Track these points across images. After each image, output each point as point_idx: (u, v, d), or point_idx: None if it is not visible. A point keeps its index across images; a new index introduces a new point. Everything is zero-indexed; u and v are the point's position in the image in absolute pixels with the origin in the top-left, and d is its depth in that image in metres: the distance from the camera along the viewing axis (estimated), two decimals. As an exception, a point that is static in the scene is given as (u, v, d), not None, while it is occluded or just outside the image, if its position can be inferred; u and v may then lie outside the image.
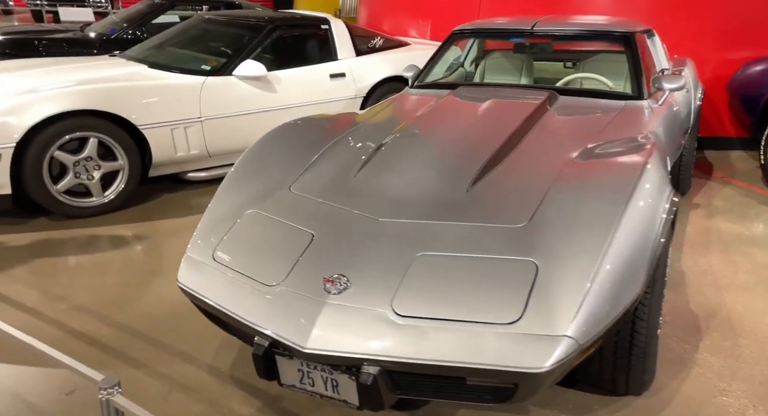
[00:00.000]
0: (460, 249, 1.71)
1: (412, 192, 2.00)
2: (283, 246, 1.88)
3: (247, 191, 2.18)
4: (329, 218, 1.95)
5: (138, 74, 3.91)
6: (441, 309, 1.56)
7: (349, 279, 1.69)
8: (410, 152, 2.24)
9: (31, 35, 5.87)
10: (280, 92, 4.28)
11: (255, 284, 1.79)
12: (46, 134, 3.35)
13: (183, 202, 3.99)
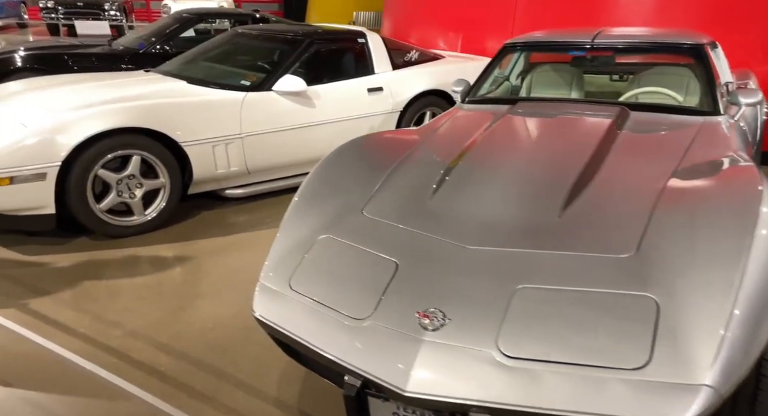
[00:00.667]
0: (564, 282, 1.60)
1: (497, 216, 1.90)
2: (366, 276, 1.78)
3: (317, 215, 2.09)
4: (411, 245, 1.86)
5: (178, 90, 3.85)
6: (553, 351, 1.45)
7: (446, 314, 1.59)
8: (486, 174, 2.15)
9: (59, 50, 5.83)
10: (318, 107, 4.21)
11: (340, 317, 1.69)
12: (90, 152, 3.28)
13: (221, 219, 3.91)
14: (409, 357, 1.50)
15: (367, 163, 2.35)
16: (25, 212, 3.23)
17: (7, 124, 3.29)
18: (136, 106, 3.47)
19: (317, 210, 2.11)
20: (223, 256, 3.34)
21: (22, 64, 5.51)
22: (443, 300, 1.62)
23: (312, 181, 2.26)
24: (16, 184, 3.12)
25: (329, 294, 1.77)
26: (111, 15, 17.04)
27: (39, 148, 3.14)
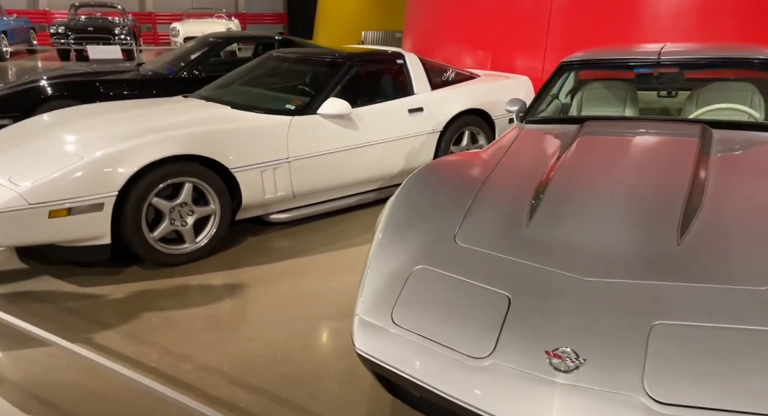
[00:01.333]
0: (705, 317, 1.52)
1: (609, 245, 1.83)
2: (476, 310, 1.72)
3: (407, 245, 2.04)
4: (520, 276, 1.79)
5: (225, 116, 3.84)
6: (711, 396, 1.35)
7: (579, 353, 1.51)
8: (583, 199, 2.10)
9: (88, 77, 5.84)
10: (362, 129, 4.19)
11: (456, 355, 1.62)
12: (146, 181, 3.26)
13: (266, 245, 3.87)
14: (546, 402, 1.42)
15: (448, 189, 2.31)
16: (82, 243, 3.19)
17: (60, 153, 3.27)
18: (188, 133, 3.45)
19: (406, 240, 2.06)
20: (277, 284, 3.29)
21: (52, 92, 5.53)
22: (573, 339, 1.55)
23: (395, 211, 2.21)
24: (73, 215, 3.09)
25: (438, 330, 1.71)
26: (121, 39, 17.18)
27: (96, 178, 3.12)
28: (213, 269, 3.50)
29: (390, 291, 1.88)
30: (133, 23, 17.84)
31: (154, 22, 24.83)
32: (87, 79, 5.76)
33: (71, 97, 5.60)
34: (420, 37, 7.60)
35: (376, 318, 1.82)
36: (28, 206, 2.96)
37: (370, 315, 1.84)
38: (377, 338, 1.78)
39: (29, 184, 3.01)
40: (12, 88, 5.57)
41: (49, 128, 3.76)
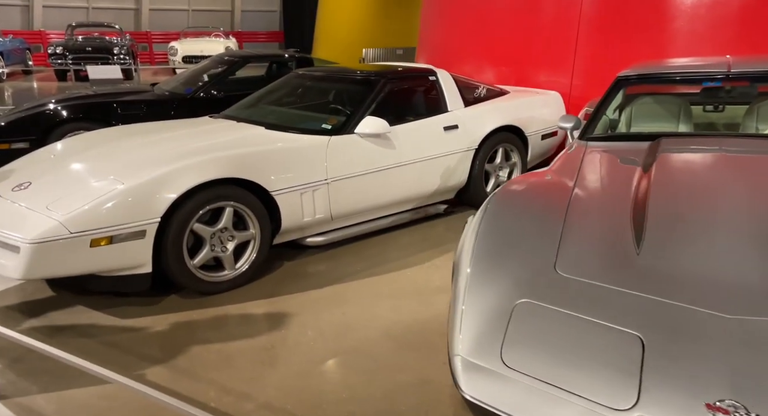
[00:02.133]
0: None
1: (741, 276, 1.70)
2: (602, 352, 1.57)
3: (503, 275, 1.90)
4: (648, 313, 1.64)
5: (263, 137, 3.75)
6: None
7: (749, 409, 1.36)
8: (695, 225, 1.97)
9: (103, 98, 5.75)
10: (398, 148, 4.11)
11: (591, 405, 1.47)
12: (188, 206, 3.15)
13: (304, 269, 3.76)
14: None
15: (533, 215, 2.20)
16: (123, 272, 3.08)
17: (98, 179, 3.16)
18: (229, 155, 3.35)
19: (500, 271, 1.93)
20: (324, 312, 3.17)
21: (69, 115, 5.42)
22: (738, 390, 1.40)
23: (482, 240, 2.08)
24: (115, 243, 2.97)
25: (562, 374, 1.56)
26: (120, 59, 17.15)
27: (138, 205, 3.01)
28: (254, 297, 3.38)
29: (493, 329, 1.74)
30: (130, 43, 17.81)
31: (150, 41, 24.85)
32: (103, 101, 5.67)
33: (88, 119, 5.50)
34: (436, 52, 7.56)
35: (483, 360, 1.68)
36: (70, 235, 2.85)
37: (475, 356, 1.69)
38: (488, 382, 1.64)
39: (69, 212, 2.90)
40: (26, 111, 5.47)
41: (80, 152, 3.66)
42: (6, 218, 2.99)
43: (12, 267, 2.84)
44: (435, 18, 7.85)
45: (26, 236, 2.81)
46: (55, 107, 5.44)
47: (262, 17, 27.46)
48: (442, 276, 3.62)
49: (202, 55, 20.25)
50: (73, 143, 3.95)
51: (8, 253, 2.90)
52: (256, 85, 6.46)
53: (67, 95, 5.91)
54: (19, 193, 3.19)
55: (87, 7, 23.16)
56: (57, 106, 5.47)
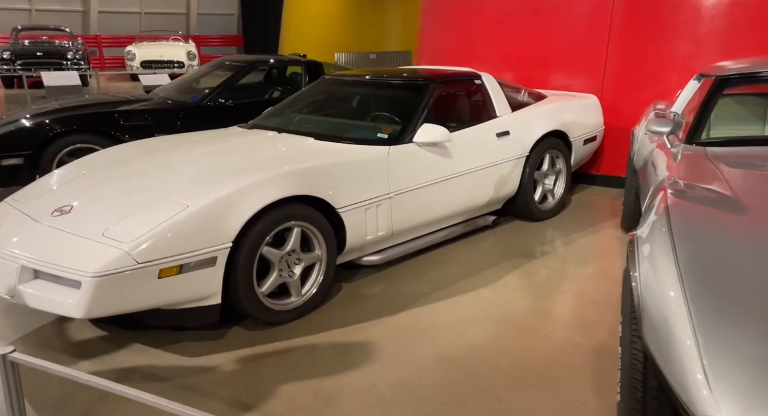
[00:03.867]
0: None
1: None
2: None
3: (744, 313, 1.65)
4: None
5: (320, 149, 3.58)
6: None
7: None
8: None
9: (101, 108, 5.45)
10: (455, 156, 3.99)
11: None
12: (258, 228, 2.95)
13: (363, 291, 3.60)
14: None
15: (732, 240, 1.97)
16: (191, 304, 2.86)
17: (156, 200, 2.93)
18: (295, 170, 3.17)
19: (737, 308, 1.67)
20: (415, 344, 3.00)
21: (66, 127, 5.11)
22: None
23: (694, 271, 1.84)
24: (184, 273, 2.75)
25: None
26: (75, 64, 16.57)
27: (208, 229, 2.80)
28: (325, 326, 3.19)
29: (762, 383, 1.48)
30: (83, 47, 17.24)
31: (99, 45, 24.14)
32: (102, 111, 5.37)
33: (88, 131, 5.21)
34: (442, 56, 7.46)
35: None
36: (137, 266, 2.62)
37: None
38: None
39: (134, 240, 2.66)
40: (13, 124, 5.12)
41: (118, 170, 3.41)
42: (56, 248, 2.74)
43: (72, 305, 2.59)
44: (439, 18, 7.77)
45: (88, 269, 2.57)
46: (51, 119, 5.12)
47: (219, 21, 27.03)
48: (522, 297, 3.50)
49: (161, 60, 19.80)
50: (104, 159, 3.69)
51: (65, 289, 2.65)
52: (262, 92, 6.27)
53: (53, 105, 5.58)
54: (62, 219, 2.94)
55: (29, 9, 22.35)
56: (51, 117, 5.14)
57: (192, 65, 19.82)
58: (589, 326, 3.15)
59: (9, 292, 2.76)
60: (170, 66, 19.66)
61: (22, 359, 1.96)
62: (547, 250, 4.24)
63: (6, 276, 2.77)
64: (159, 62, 19.67)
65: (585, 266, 3.95)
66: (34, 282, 2.76)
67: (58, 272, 2.63)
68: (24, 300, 2.73)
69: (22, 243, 2.83)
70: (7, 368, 1.98)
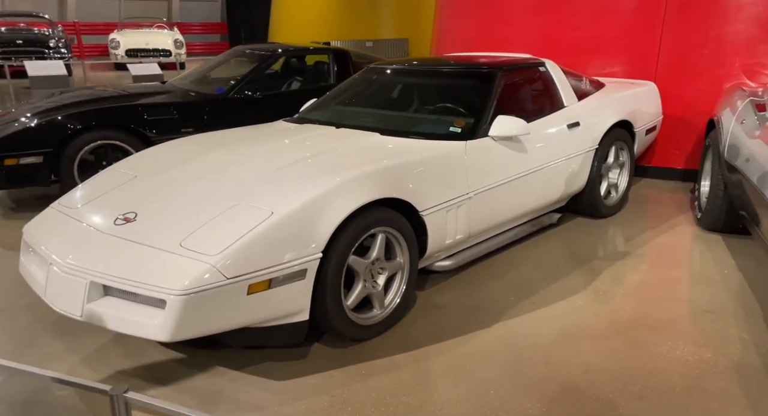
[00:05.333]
0: None
1: None
2: None
3: None
4: None
5: (387, 146, 3.38)
6: None
7: None
8: None
9: (123, 102, 5.20)
10: (530, 151, 3.82)
11: None
12: (346, 235, 2.76)
13: (440, 300, 3.44)
14: None
15: None
16: (279, 321, 2.66)
17: (230, 205, 2.72)
18: (377, 171, 2.97)
19: None
20: (522, 359, 2.84)
21: (86, 122, 4.86)
22: None
23: None
24: (274, 288, 2.56)
25: None
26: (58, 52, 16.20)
27: (296, 237, 2.60)
28: (410, 343, 2.97)
29: None
30: (64, 34, 16.86)
31: (78, 32, 23.66)
32: (123, 104, 5.13)
33: (109, 126, 4.96)
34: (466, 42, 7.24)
35: None
36: (226, 281, 2.42)
37: None
38: None
39: (219, 252, 2.46)
40: (29, 119, 4.87)
41: (175, 170, 3.20)
42: (130, 262, 2.53)
43: (157, 327, 2.38)
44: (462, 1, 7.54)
45: (173, 286, 2.36)
46: (69, 113, 4.87)
47: (202, 7, 26.62)
48: (623, 306, 3.32)
49: (147, 48, 19.46)
50: (150, 160, 3.47)
51: (145, 309, 2.45)
52: (290, 83, 6.05)
53: (62, 99, 5.33)
54: (128, 228, 2.73)
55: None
56: (70, 111, 4.89)
57: (179, 54, 19.49)
58: (716, 340, 2.94)
59: (76, 311, 2.56)
60: (156, 55, 19.33)
61: (136, 399, 1.77)
62: (626, 251, 4.08)
63: (72, 294, 2.56)
64: (145, 51, 19.33)
65: (676, 269, 3.78)
66: (104, 300, 2.56)
67: (138, 289, 2.43)
68: (96, 321, 2.52)
69: (87, 256, 2.62)
70: (120, 409, 1.78)
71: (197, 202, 2.84)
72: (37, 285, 2.79)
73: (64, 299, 2.60)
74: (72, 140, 4.83)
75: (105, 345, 2.96)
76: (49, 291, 2.68)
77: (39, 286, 2.77)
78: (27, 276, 2.93)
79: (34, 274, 2.84)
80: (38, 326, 3.15)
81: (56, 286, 2.64)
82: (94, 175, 4.91)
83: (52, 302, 2.65)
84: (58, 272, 2.62)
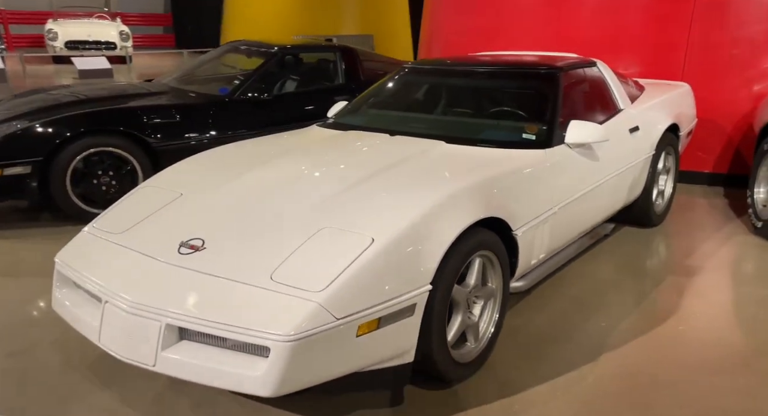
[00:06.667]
0: None
1: None
2: None
3: None
4: None
5: (461, 156, 3.11)
6: None
7: None
8: None
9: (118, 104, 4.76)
10: (601, 158, 3.62)
11: None
12: (452, 263, 2.48)
13: (514, 325, 3.21)
14: None
15: None
16: (385, 364, 2.35)
17: (312, 230, 2.40)
18: (471, 186, 2.68)
19: None
20: (651, 402, 2.63)
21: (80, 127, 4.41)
22: None
23: None
24: (382, 327, 2.25)
25: None
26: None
27: (402, 268, 2.29)
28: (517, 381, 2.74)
29: None
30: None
31: (5, 22, 22.45)
32: (119, 107, 4.68)
33: (106, 131, 4.52)
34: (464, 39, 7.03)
35: None
36: (336, 323, 2.10)
37: None
38: None
39: (324, 287, 2.13)
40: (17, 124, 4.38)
41: (226, 188, 2.84)
42: (211, 300, 2.18)
43: (257, 381, 2.05)
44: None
45: (278, 329, 2.03)
46: (57, 118, 4.40)
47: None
48: (730, 331, 3.11)
49: (89, 40, 18.62)
50: (190, 176, 3.09)
51: (239, 358, 2.11)
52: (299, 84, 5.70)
53: (43, 100, 4.87)
54: (196, 258, 2.37)
55: None
56: (57, 115, 4.42)
57: (126, 47, 18.71)
58: None
59: (147, 360, 2.20)
60: (99, 47, 18.51)
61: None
62: (694, 265, 3.93)
63: (141, 339, 2.20)
64: (86, 43, 18.47)
65: (761, 286, 3.63)
66: (181, 345, 2.20)
67: (232, 334, 2.08)
68: (173, 371, 2.16)
69: (157, 293, 2.25)
70: None
71: (272, 225, 2.50)
72: (86, 326, 2.41)
73: (131, 345, 2.23)
74: (65, 147, 4.37)
75: (163, 393, 2.59)
76: (106, 335, 2.30)
77: (89, 328, 2.39)
78: (67, 315, 2.54)
79: (80, 314, 2.45)
80: (74, 371, 2.75)
81: (117, 329, 2.26)
82: (89, 187, 4.51)
83: (113, 348, 2.28)
84: (121, 312, 2.25)
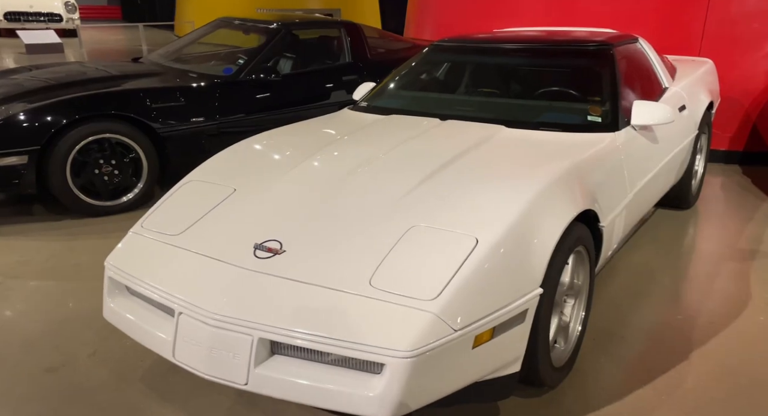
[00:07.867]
0: None
1: None
2: None
3: None
4: None
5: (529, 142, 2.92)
6: None
7: None
8: None
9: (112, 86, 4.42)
10: (660, 140, 3.51)
11: None
12: (557, 262, 2.32)
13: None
14: None
15: None
16: (492, 375, 2.18)
17: (410, 231, 2.19)
18: (562, 177, 2.50)
19: None
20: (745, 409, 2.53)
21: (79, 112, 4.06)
22: None
23: None
24: (496, 337, 2.08)
25: None
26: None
27: (513, 272, 2.11)
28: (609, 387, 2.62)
29: None
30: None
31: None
32: (120, 89, 4.34)
33: (106, 116, 4.19)
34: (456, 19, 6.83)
35: None
36: (455, 335, 1.92)
37: None
38: None
39: (436, 295, 1.94)
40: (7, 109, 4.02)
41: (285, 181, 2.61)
42: (308, 310, 1.96)
43: (372, 401, 1.85)
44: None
45: (395, 344, 1.84)
46: (61, 101, 4.06)
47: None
48: None
49: (31, 11, 17.76)
50: (237, 168, 2.82)
51: (346, 374, 1.92)
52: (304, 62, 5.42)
53: (28, 79, 4.50)
54: (278, 262, 2.15)
55: None
56: (63, 99, 4.08)
57: (73, 19, 17.88)
58: None
59: (239, 379, 1.98)
60: (43, 19, 17.65)
61: None
62: (747, 248, 3.88)
63: (230, 355, 1.98)
64: (28, 14, 17.60)
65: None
66: (273, 361, 1.99)
67: (341, 350, 1.88)
68: (268, 390, 1.96)
69: (241, 303, 2.02)
70: None
71: (352, 224, 2.28)
72: (152, 339, 2.18)
73: (215, 361, 2.00)
74: (63, 135, 4.03)
75: (233, 407, 2.37)
76: (182, 350, 2.07)
77: (157, 341, 2.16)
78: (127, 327, 2.29)
79: (146, 326, 2.21)
80: (129, 386, 2.51)
81: (197, 344, 2.03)
82: (91, 177, 4.18)
83: (192, 364, 2.05)
84: (202, 326, 2.02)
